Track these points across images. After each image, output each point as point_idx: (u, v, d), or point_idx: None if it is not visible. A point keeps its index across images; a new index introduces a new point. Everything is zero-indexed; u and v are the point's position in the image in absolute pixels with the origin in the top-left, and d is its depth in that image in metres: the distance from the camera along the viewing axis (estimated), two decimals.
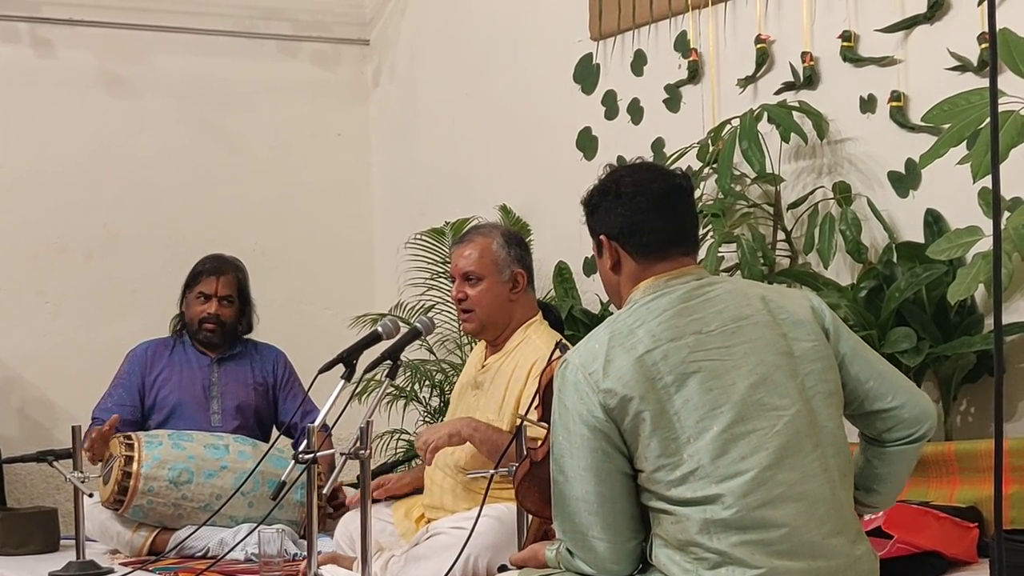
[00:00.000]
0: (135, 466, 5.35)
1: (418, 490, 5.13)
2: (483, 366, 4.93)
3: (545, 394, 3.47)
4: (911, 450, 3.34)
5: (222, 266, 6.01)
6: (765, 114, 5.46)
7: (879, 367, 3.32)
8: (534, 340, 4.76)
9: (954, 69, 5.12)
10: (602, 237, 3.38)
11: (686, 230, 3.38)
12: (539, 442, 3.50)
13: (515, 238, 4.97)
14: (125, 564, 5.24)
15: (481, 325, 4.88)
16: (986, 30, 4.82)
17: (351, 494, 5.51)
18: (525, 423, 3.99)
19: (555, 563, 3.28)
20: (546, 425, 3.45)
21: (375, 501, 4.96)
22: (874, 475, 3.36)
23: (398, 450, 6.97)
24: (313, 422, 4.34)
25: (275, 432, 6.07)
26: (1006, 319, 4.83)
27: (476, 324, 4.89)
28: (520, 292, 4.88)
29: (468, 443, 4.69)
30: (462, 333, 6.68)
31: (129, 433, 5.53)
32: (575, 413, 3.13)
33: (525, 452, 3.64)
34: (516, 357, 4.78)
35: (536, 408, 3.58)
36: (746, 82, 5.88)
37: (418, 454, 4.73)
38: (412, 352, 6.31)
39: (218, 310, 5.94)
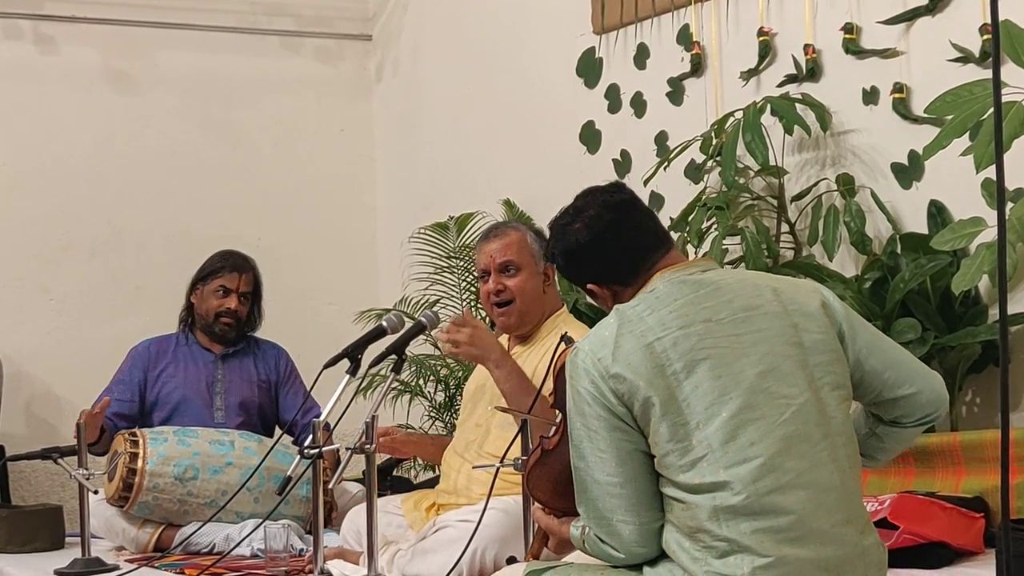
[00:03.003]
0: (140, 463, 5.34)
1: (424, 484, 5.13)
2: None
3: (557, 382, 3.47)
4: (921, 429, 3.40)
5: (244, 263, 6.02)
6: (768, 106, 5.46)
7: (894, 355, 3.34)
8: (564, 330, 4.73)
9: (956, 60, 5.12)
10: (591, 286, 3.41)
11: (653, 236, 3.39)
12: (551, 430, 3.49)
13: (542, 234, 4.96)
14: (131, 561, 5.24)
15: (520, 318, 4.82)
16: (988, 21, 4.82)
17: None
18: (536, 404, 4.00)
19: (579, 541, 3.28)
20: (558, 411, 3.45)
21: (381, 493, 4.96)
22: (879, 447, 3.40)
23: None
24: (314, 419, 4.34)
25: (279, 429, 6.07)
26: (1011, 309, 4.83)
27: (516, 317, 4.81)
28: (550, 286, 4.88)
29: (491, 431, 4.73)
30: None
31: (134, 430, 5.52)
32: (588, 396, 3.14)
33: (537, 440, 3.63)
34: (545, 345, 4.74)
35: (549, 395, 3.58)
36: (749, 75, 5.88)
37: (442, 338, 4.63)
38: (417, 347, 6.31)
39: (237, 307, 5.95)
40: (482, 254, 4.89)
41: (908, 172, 5.34)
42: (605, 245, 3.35)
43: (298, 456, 4.32)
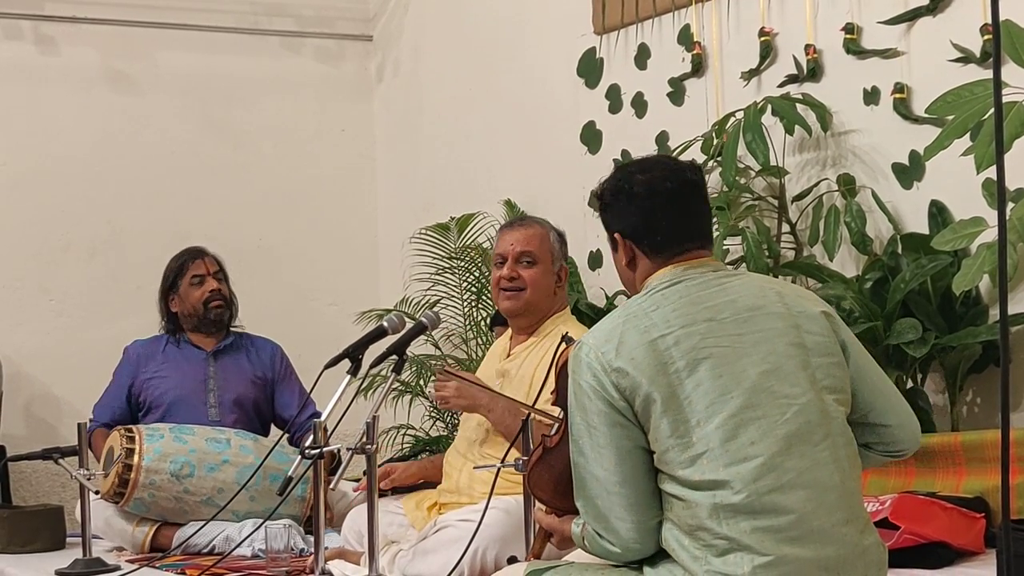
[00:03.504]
0: (136, 459, 5.33)
1: (427, 483, 5.14)
2: (508, 355, 4.94)
3: (560, 379, 3.47)
4: (888, 460, 3.44)
5: (198, 249, 6.07)
6: (769, 107, 5.46)
7: (880, 385, 3.36)
8: (564, 330, 4.75)
9: (957, 61, 5.13)
10: (616, 235, 3.40)
11: (699, 225, 3.39)
12: (553, 428, 3.50)
13: (563, 238, 5.01)
14: (132, 561, 5.24)
15: (526, 306, 4.88)
16: (989, 21, 4.82)
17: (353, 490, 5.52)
18: (538, 403, 4.01)
19: (579, 539, 3.29)
20: (559, 409, 3.45)
21: (382, 494, 4.97)
22: None
23: (404, 445, 6.98)
24: (309, 417, 4.35)
25: (274, 426, 6.07)
26: (1011, 309, 4.83)
27: (522, 303, 4.87)
28: (561, 287, 4.94)
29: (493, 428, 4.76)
30: (477, 318, 6.71)
31: (130, 426, 5.52)
32: (590, 391, 3.15)
33: (538, 440, 3.64)
34: (545, 345, 4.79)
35: (552, 392, 3.59)
36: (750, 75, 5.88)
37: (433, 393, 4.83)
38: (417, 347, 6.32)
39: (219, 285, 5.96)
40: (502, 240, 4.96)
41: (909, 172, 5.34)
42: (654, 207, 3.33)
43: (299, 456, 4.32)
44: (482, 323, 6.81)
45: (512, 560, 4.21)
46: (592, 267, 6.58)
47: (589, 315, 5.95)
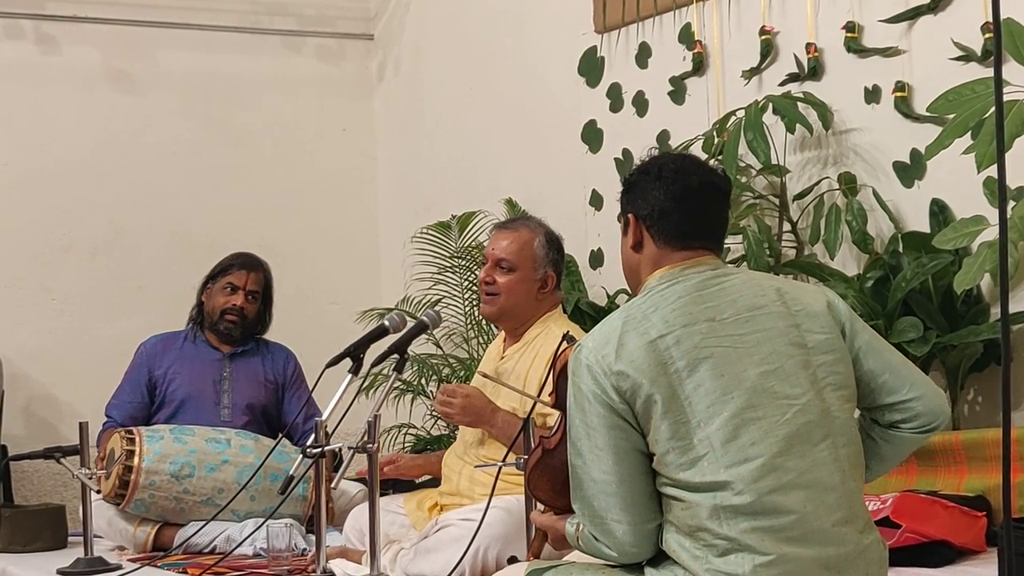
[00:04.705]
0: (136, 460, 5.34)
1: (429, 481, 5.15)
2: (502, 357, 4.95)
3: (558, 381, 3.48)
4: (920, 438, 3.37)
5: (254, 262, 6.05)
6: (770, 105, 5.46)
7: (893, 360, 3.35)
8: (553, 331, 4.77)
9: (958, 59, 5.12)
10: (631, 215, 3.41)
11: (711, 227, 3.41)
12: (552, 430, 3.50)
13: (556, 242, 5.00)
14: (133, 560, 5.24)
15: (500, 312, 4.91)
16: (990, 20, 4.82)
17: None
18: (536, 405, 4.02)
19: (574, 539, 3.29)
20: (558, 411, 3.45)
21: (383, 492, 4.97)
22: (874, 453, 3.37)
23: (405, 444, 6.98)
24: (316, 419, 4.35)
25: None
26: (1012, 308, 4.83)
27: (496, 309, 4.91)
28: (548, 292, 4.93)
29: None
30: (479, 317, 6.71)
31: (131, 428, 5.53)
32: (589, 393, 3.15)
33: (537, 440, 3.65)
34: (535, 347, 4.82)
35: (550, 395, 3.59)
36: (751, 74, 5.88)
37: (438, 409, 4.86)
38: (419, 346, 6.32)
39: (243, 303, 5.95)
40: (490, 241, 5.02)
41: (910, 171, 5.34)
42: (673, 199, 3.35)
43: (300, 455, 4.33)
44: (483, 322, 6.81)
45: (512, 560, 4.22)
46: (593, 266, 6.58)
47: (590, 314, 5.95)
